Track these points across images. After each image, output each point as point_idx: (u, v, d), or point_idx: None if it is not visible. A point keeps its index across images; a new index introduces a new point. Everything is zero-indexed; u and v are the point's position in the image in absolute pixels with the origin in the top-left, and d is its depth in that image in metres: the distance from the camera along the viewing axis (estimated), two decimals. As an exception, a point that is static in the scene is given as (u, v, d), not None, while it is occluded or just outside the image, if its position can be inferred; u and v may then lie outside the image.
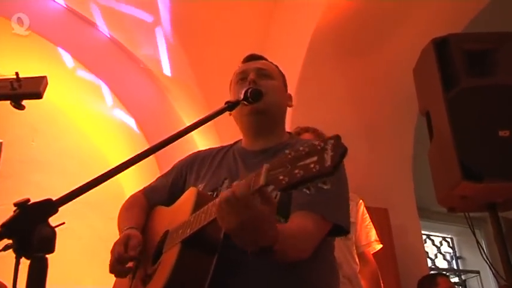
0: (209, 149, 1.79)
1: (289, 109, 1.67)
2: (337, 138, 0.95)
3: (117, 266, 1.40)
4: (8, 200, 1.09)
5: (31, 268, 0.90)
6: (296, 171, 0.95)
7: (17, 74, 1.27)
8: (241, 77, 1.64)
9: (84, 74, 4.38)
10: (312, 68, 3.90)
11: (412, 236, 4.28)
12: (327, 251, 1.50)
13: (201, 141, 4.03)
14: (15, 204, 0.94)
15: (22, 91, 1.26)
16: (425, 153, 2.66)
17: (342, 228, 1.43)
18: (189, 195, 1.45)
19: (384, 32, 3.95)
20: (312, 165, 0.94)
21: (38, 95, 1.26)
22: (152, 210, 1.65)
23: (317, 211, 1.36)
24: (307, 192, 1.32)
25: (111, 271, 1.43)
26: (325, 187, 1.29)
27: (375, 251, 3.07)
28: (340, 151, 0.93)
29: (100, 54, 4.25)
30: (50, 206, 0.97)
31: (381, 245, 3.10)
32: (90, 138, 4.69)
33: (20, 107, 1.26)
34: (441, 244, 6.98)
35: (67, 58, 4.25)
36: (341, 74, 4.06)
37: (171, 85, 4.32)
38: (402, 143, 4.38)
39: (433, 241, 6.90)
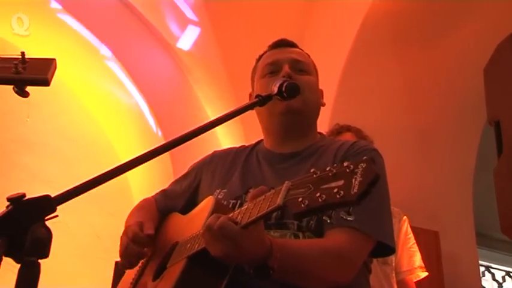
0: (228, 148, 1.81)
1: (327, 106, 1.68)
2: (369, 161, 0.97)
3: (132, 247, 1.45)
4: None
5: (21, 274, 0.91)
6: (318, 194, 0.98)
7: (22, 54, 1.22)
8: (272, 70, 1.63)
9: (92, 47, 4.42)
10: (360, 58, 3.88)
11: (466, 265, 4.25)
12: (361, 276, 1.50)
13: (224, 136, 4.04)
14: (8, 199, 0.95)
15: (27, 76, 1.22)
16: (490, 170, 2.63)
17: (386, 246, 1.45)
18: (205, 205, 1.47)
19: (451, 20, 3.90)
20: (336, 190, 0.96)
21: (45, 82, 1.23)
22: (166, 216, 1.68)
23: (357, 226, 1.37)
24: None
25: (122, 255, 1.48)
26: (348, 218, 1.32)
27: (418, 279, 3.05)
28: (371, 178, 0.95)
29: (112, 22, 4.30)
30: (48, 204, 0.98)
31: (426, 273, 3.08)
32: (94, 119, 4.72)
33: (24, 94, 1.23)
34: (504, 280, 6.89)
35: (75, 25, 4.29)
36: (394, 67, 4.03)
37: (193, 65, 4.36)
38: (463, 155, 4.34)
39: (493, 275, 6.81)
